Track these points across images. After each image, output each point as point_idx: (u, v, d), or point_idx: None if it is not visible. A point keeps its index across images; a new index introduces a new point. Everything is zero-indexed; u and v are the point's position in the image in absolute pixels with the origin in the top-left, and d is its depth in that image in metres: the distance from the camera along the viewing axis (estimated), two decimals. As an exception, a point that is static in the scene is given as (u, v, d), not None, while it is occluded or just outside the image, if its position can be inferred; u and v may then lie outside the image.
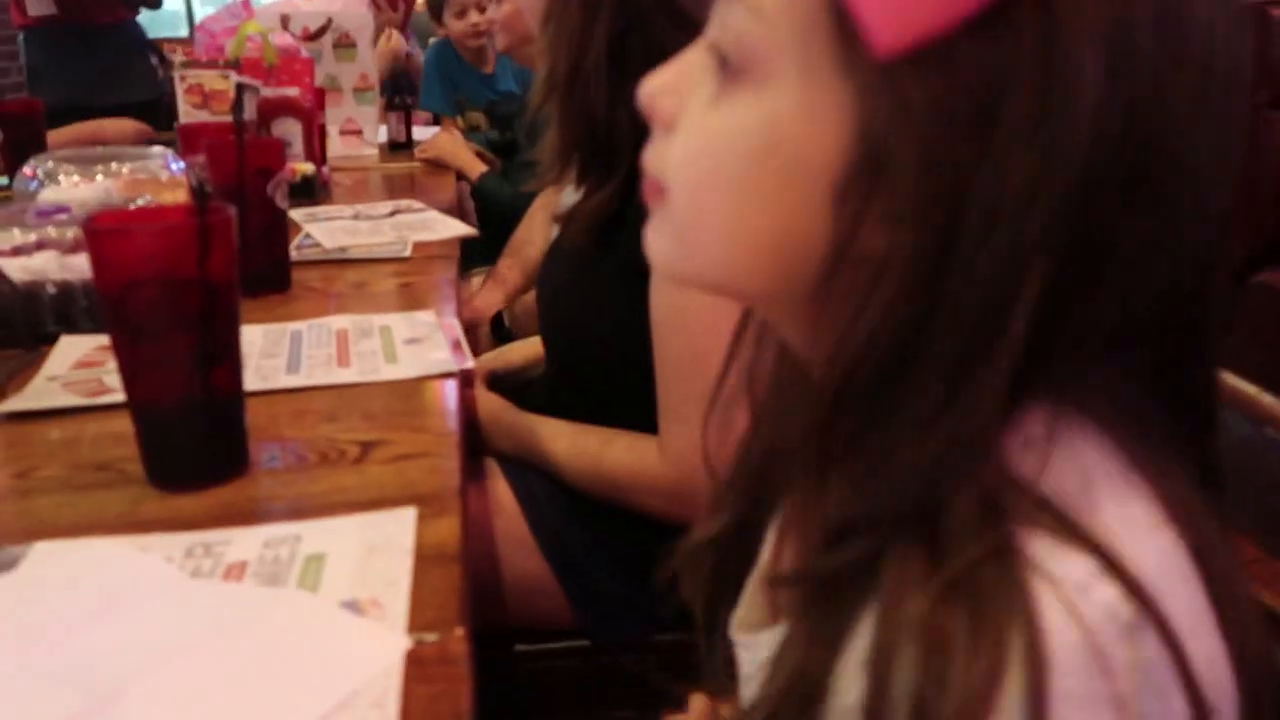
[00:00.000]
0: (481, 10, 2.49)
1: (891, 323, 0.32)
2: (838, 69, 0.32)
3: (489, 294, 1.59)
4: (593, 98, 0.84)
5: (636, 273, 0.83)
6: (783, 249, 0.36)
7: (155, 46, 3.07)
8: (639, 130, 0.89)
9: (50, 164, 1.24)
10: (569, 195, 0.93)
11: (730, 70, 0.35)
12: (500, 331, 1.42)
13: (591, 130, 0.85)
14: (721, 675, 0.50)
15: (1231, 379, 0.59)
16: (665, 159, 0.39)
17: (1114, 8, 0.29)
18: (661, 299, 0.82)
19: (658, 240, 0.40)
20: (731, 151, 0.36)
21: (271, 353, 0.87)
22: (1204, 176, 0.32)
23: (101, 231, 0.61)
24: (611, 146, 0.85)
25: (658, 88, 0.39)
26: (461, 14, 2.50)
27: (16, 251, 0.95)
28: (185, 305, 0.62)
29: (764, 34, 0.34)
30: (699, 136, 0.37)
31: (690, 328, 0.80)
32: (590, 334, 0.93)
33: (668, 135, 0.39)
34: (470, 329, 1.34)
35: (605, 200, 0.86)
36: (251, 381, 0.77)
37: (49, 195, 1.10)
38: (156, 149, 1.34)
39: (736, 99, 0.35)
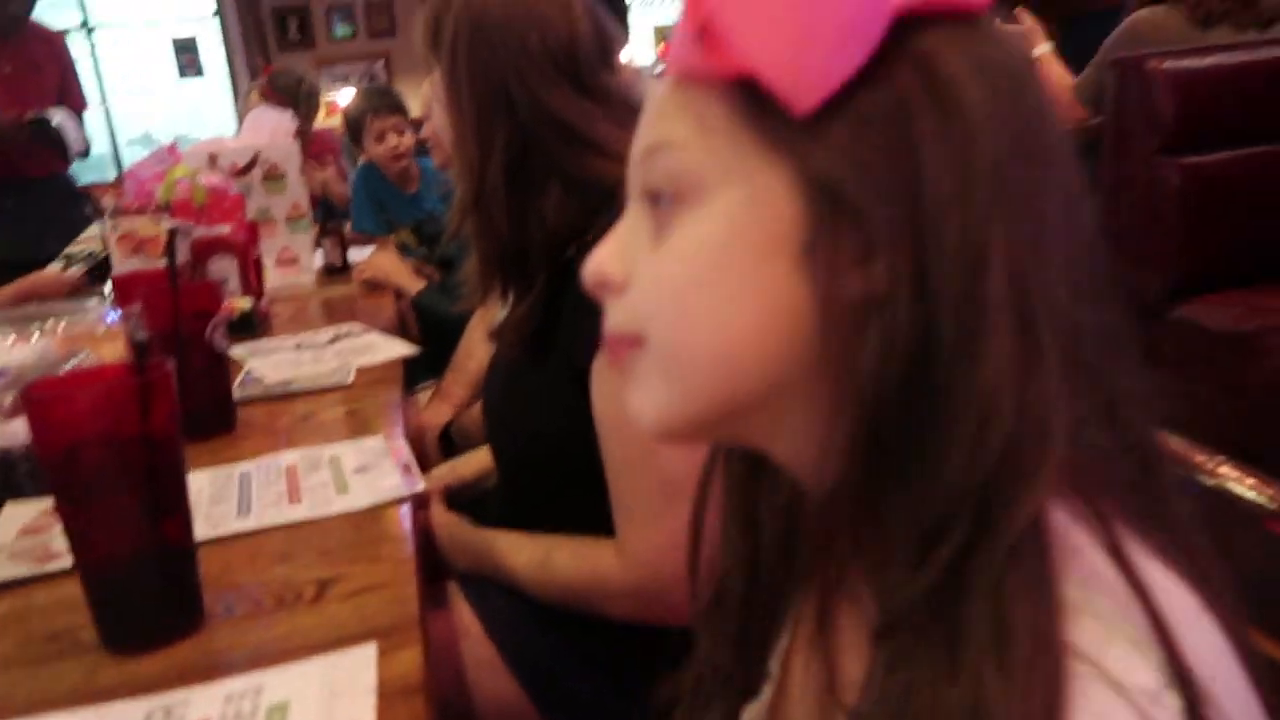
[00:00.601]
0: (400, 134, 2.56)
1: (894, 355, 0.34)
2: (765, 150, 0.36)
3: (436, 409, 1.60)
4: (498, 219, 0.87)
5: (573, 378, 0.85)
6: (773, 330, 0.37)
7: (88, 195, 3.09)
8: (550, 243, 0.92)
9: (-17, 328, 1.23)
10: (501, 311, 0.95)
11: (666, 205, 0.39)
12: (448, 445, 1.42)
13: (503, 249, 0.88)
14: None
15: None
16: (630, 312, 0.40)
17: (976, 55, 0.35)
18: (603, 402, 0.84)
19: (646, 393, 0.40)
20: (698, 261, 0.38)
21: (220, 498, 0.87)
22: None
23: (41, 398, 0.62)
24: (526, 261, 0.88)
25: (602, 263, 0.41)
26: (380, 138, 2.56)
27: (-46, 422, 0.94)
28: (130, 463, 0.62)
29: (690, 156, 0.38)
30: (661, 268, 0.39)
31: (634, 427, 0.82)
32: (536, 444, 0.94)
33: (621, 296, 0.41)
34: (418, 445, 1.34)
35: (529, 312, 0.89)
36: (202, 530, 0.77)
37: (-16, 360, 1.10)
38: (92, 301, 1.34)
39: (683, 222, 0.38)
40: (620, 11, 1.51)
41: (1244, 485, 0.67)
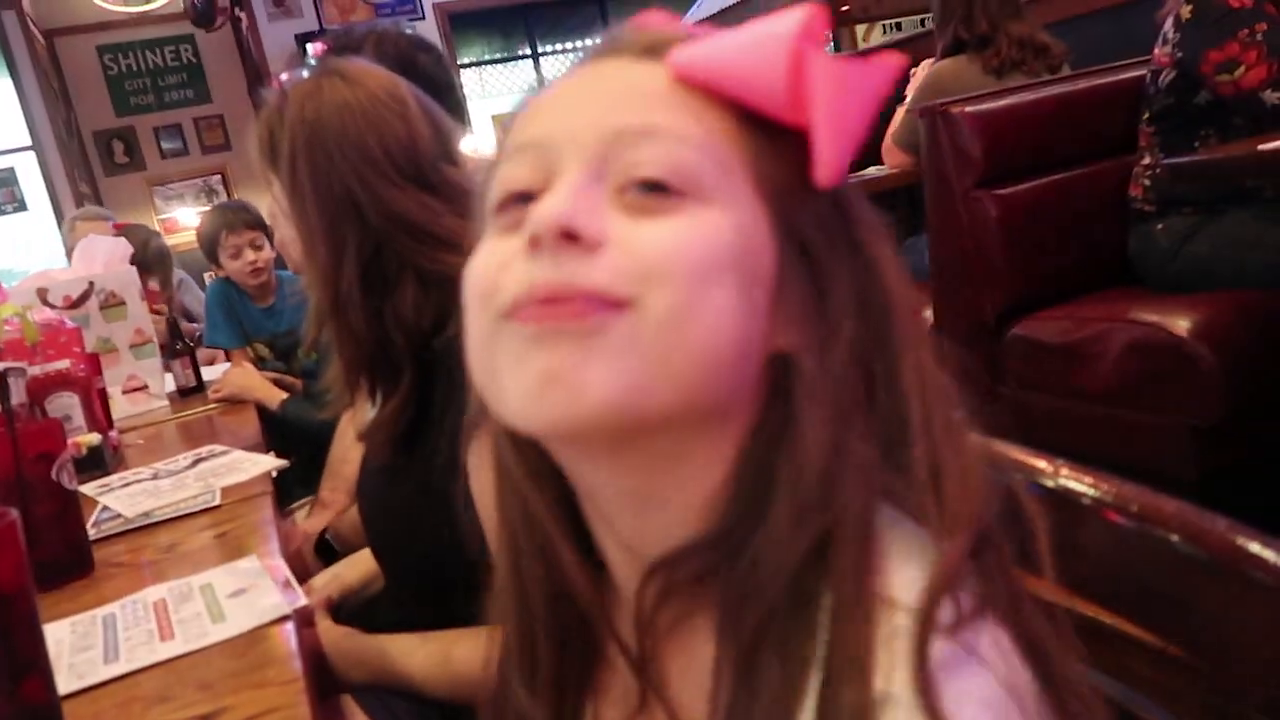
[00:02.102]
0: (258, 248, 2.50)
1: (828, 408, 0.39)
2: (753, 187, 0.40)
3: (316, 520, 1.54)
4: (356, 322, 0.87)
5: (447, 470, 0.84)
6: (744, 352, 0.39)
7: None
8: (411, 341, 0.93)
9: None
10: (369, 410, 0.94)
11: (658, 194, 0.38)
12: (327, 552, 1.37)
13: (365, 351, 0.88)
14: None
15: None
16: (619, 272, 0.37)
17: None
18: (486, 494, 0.83)
19: (611, 365, 0.36)
20: (713, 251, 0.38)
21: (84, 646, 0.82)
22: None
23: None
24: (390, 361, 0.88)
25: (575, 213, 0.37)
26: (237, 254, 2.49)
27: None
28: (-23, 625, 0.58)
29: (693, 157, 0.39)
30: (674, 241, 0.37)
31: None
32: (418, 541, 0.92)
33: (593, 255, 0.37)
34: (297, 563, 1.29)
35: (399, 409, 0.88)
36: (67, 683, 0.72)
37: None
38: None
39: (690, 211, 0.38)
40: (458, 102, 1.54)
41: (1083, 484, 0.72)
